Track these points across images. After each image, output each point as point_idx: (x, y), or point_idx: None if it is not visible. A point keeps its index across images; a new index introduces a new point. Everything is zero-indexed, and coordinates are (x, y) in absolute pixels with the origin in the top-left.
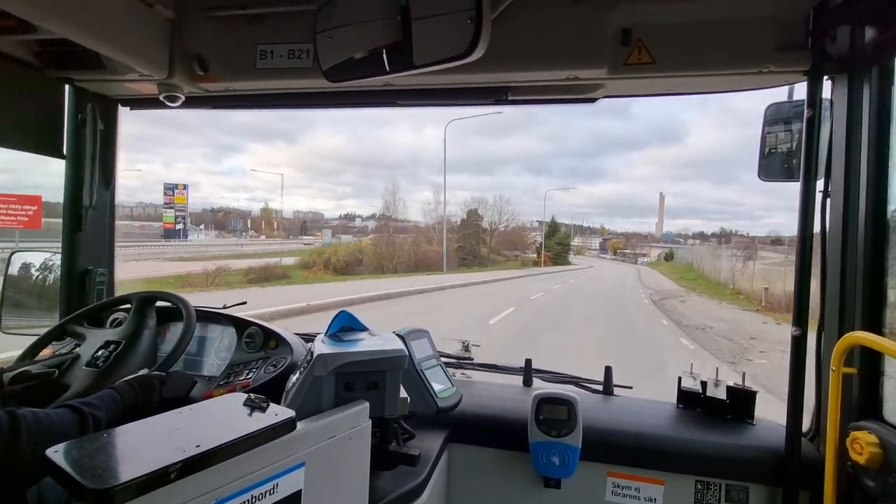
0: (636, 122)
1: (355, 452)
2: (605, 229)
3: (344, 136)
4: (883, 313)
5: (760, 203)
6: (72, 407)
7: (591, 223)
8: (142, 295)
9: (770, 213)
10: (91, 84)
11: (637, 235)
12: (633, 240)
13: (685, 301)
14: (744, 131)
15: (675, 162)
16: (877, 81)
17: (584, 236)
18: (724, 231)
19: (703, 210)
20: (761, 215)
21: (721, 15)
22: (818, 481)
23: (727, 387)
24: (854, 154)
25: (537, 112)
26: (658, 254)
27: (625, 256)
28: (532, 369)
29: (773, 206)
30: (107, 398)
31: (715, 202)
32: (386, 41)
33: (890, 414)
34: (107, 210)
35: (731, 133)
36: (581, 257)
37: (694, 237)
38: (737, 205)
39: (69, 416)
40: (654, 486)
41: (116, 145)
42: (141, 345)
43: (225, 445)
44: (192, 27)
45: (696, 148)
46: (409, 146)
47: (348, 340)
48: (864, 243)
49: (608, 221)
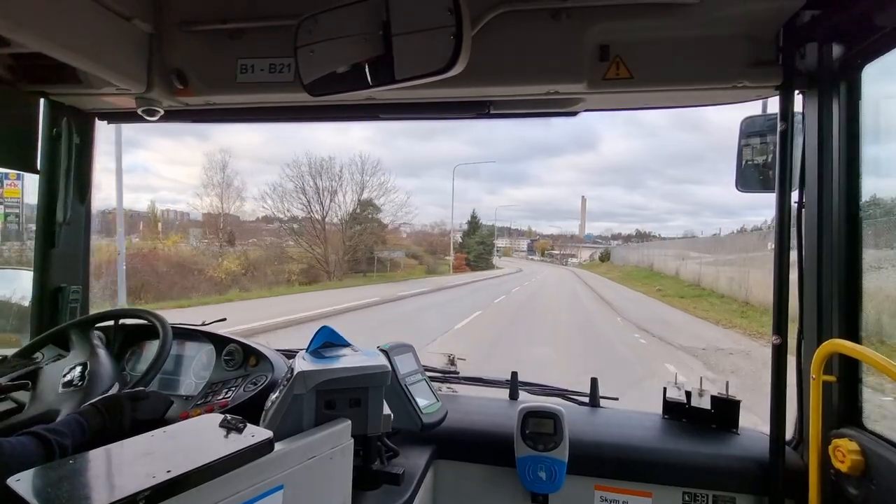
0: (556, 130)
1: (337, 473)
2: (532, 231)
3: (263, 135)
4: (859, 321)
5: (666, 207)
6: (35, 434)
7: (519, 226)
8: (117, 312)
9: (674, 216)
10: (66, 98)
11: (563, 237)
12: (559, 241)
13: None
14: (648, 141)
15: (592, 168)
16: (845, 96)
17: (512, 238)
18: (640, 232)
19: (617, 213)
20: (666, 218)
21: (695, 32)
22: (803, 490)
23: (711, 396)
24: (826, 166)
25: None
26: (590, 255)
27: (553, 258)
28: (518, 382)
29: (677, 210)
30: (72, 424)
31: (627, 206)
32: (368, 56)
33: (869, 421)
34: (81, 226)
35: (637, 143)
36: (508, 259)
37: (613, 238)
38: (645, 209)
39: (32, 443)
40: (642, 499)
41: (93, 159)
42: (104, 363)
43: (198, 470)
44: (172, 41)
45: (609, 155)
46: (335, 147)
47: (330, 357)
48: (838, 253)
49: (535, 224)
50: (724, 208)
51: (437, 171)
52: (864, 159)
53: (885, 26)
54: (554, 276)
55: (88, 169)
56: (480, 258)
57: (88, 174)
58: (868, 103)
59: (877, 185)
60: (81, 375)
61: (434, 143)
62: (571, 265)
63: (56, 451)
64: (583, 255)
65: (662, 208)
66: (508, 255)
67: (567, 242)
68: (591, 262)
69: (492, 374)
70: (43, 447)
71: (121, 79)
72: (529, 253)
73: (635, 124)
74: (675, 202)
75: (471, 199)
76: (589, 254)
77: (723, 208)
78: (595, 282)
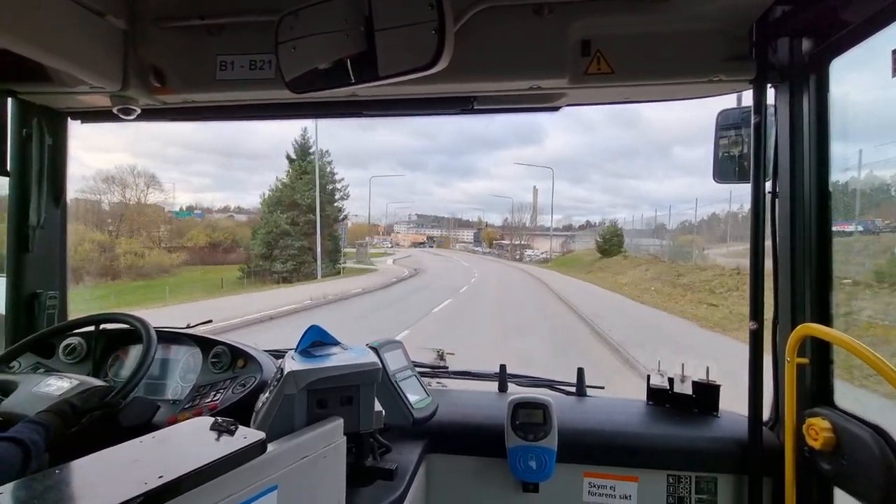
0: (498, 123)
1: (330, 471)
2: (482, 222)
3: (193, 122)
4: (830, 305)
5: (607, 200)
6: (10, 439)
7: (469, 217)
8: (97, 317)
9: (616, 209)
10: (37, 97)
11: (513, 227)
12: (508, 231)
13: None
14: (587, 136)
15: (537, 162)
16: (814, 89)
17: (458, 229)
18: (590, 224)
19: (564, 206)
20: (609, 211)
21: (673, 28)
22: (780, 467)
23: (693, 382)
24: (798, 156)
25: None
26: (562, 244)
27: (502, 249)
28: (507, 374)
29: (618, 203)
30: (33, 427)
31: (572, 199)
32: (350, 52)
33: (841, 400)
34: (57, 229)
35: (578, 138)
36: (445, 251)
37: (565, 229)
38: (589, 202)
39: (11, 449)
40: (629, 484)
41: (66, 160)
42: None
43: (190, 474)
44: (148, 38)
45: (553, 150)
46: (271, 135)
47: (320, 356)
48: (810, 240)
49: (487, 217)
50: (657, 202)
51: (385, 161)
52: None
53: (852, 21)
54: (485, 296)
55: (62, 170)
56: (303, 265)
57: (62, 176)
58: (836, 96)
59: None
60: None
61: (376, 133)
62: (529, 261)
63: (32, 450)
64: (542, 247)
65: (605, 201)
66: (448, 248)
67: (520, 232)
68: (563, 257)
69: (480, 368)
70: (22, 451)
71: (94, 77)
72: (475, 244)
73: (573, 118)
74: (615, 196)
75: (420, 190)
76: (549, 244)
77: (657, 202)
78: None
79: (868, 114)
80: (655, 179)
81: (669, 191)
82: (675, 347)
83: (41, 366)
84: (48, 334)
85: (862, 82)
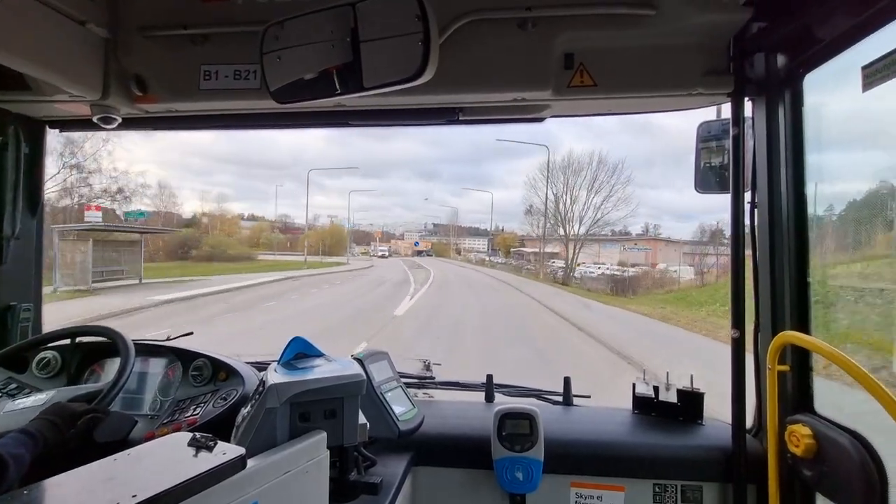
0: (508, 133)
1: (312, 486)
2: (499, 230)
3: (214, 133)
4: (809, 314)
5: (627, 209)
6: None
7: (487, 227)
8: (72, 330)
9: (637, 219)
10: (14, 105)
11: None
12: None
13: None
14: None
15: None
16: (789, 102)
17: (473, 237)
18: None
19: (585, 216)
20: (631, 221)
21: (654, 42)
22: (764, 475)
23: (677, 390)
24: (775, 168)
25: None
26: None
27: (521, 258)
28: (493, 384)
29: (640, 213)
30: (21, 438)
31: (592, 207)
32: (335, 63)
33: (821, 406)
34: (33, 240)
35: (591, 145)
36: (445, 260)
37: (620, 235)
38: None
39: None
40: (616, 493)
41: (43, 169)
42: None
43: (166, 492)
44: (130, 47)
45: (566, 158)
46: (290, 146)
47: (303, 368)
48: (789, 250)
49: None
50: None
51: (401, 171)
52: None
53: (824, 38)
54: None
55: (39, 180)
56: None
57: (39, 185)
58: (810, 109)
59: (821, 188)
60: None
61: (392, 143)
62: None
63: (10, 464)
64: (603, 258)
65: (625, 210)
66: (443, 256)
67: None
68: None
69: (467, 378)
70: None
71: (73, 85)
72: (491, 254)
73: (584, 126)
74: (633, 204)
75: (436, 199)
76: (609, 258)
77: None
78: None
79: (840, 127)
80: (675, 189)
81: (690, 202)
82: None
83: (13, 381)
84: (22, 348)
85: (835, 97)
